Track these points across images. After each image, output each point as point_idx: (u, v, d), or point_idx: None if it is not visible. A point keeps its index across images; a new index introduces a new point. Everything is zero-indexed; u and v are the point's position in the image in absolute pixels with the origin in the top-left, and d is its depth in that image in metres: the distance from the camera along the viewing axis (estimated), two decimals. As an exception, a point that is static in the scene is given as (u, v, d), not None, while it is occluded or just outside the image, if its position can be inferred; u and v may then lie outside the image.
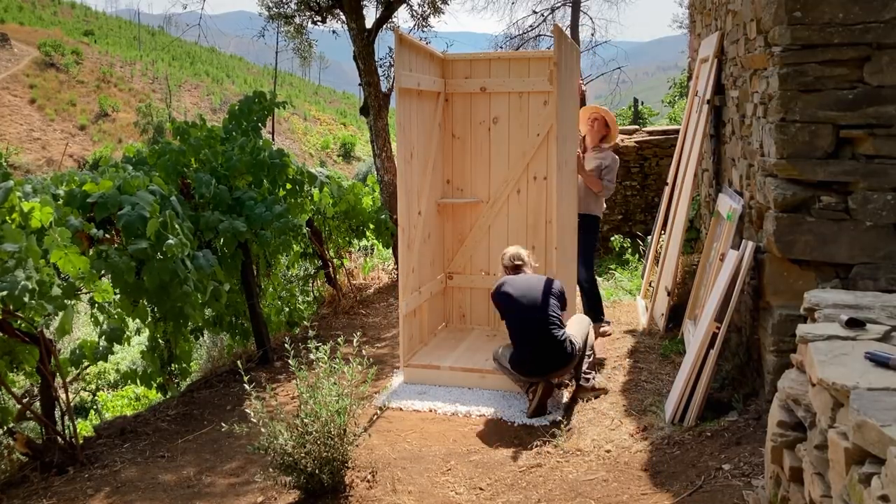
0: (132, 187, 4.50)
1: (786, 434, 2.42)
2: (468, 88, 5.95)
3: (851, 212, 3.38)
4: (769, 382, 3.51)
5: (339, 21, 9.33)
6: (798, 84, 3.39)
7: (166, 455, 4.21)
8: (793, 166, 3.42)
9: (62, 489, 3.78)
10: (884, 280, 3.35)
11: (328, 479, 3.38)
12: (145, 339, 5.18)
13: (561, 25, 5.33)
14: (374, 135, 8.70)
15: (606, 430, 4.01)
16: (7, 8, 60.43)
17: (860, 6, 3.30)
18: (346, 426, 3.42)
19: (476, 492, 3.52)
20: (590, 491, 3.32)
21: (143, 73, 57.29)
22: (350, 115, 64.97)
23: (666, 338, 5.29)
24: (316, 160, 47.47)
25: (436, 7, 9.85)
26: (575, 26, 20.05)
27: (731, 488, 2.97)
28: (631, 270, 7.68)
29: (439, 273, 6.10)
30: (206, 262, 4.73)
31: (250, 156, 5.68)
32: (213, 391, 5.34)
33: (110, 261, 4.15)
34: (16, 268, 3.49)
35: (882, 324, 2.43)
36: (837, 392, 1.98)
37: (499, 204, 6.02)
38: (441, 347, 5.68)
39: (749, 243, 3.74)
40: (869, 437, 1.75)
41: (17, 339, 3.93)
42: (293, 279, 7.24)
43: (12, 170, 31.98)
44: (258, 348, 5.85)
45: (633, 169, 8.90)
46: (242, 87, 59.91)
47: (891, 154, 3.32)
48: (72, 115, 47.52)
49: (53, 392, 4.14)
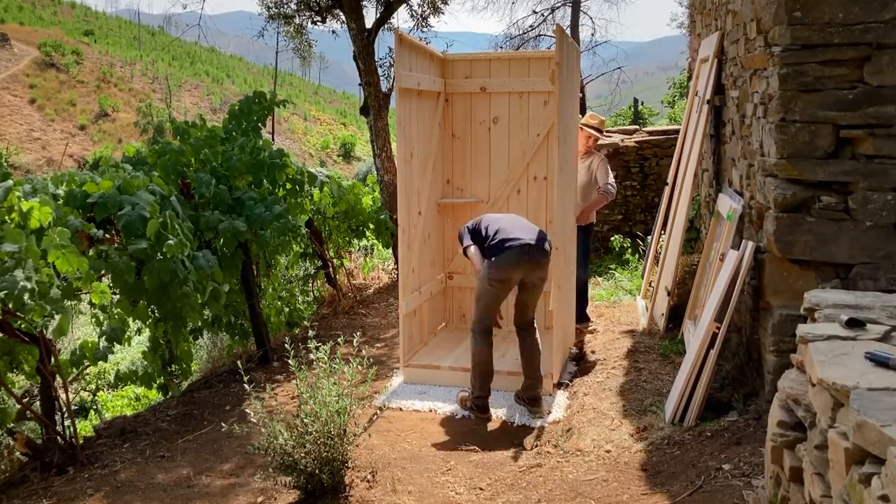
0: (132, 187, 4.50)
1: (786, 434, 2.42)
2: (468, 88, 5.95)
3: (851, 212, 3.38)
4: (769, 382, 3.51)
5: (338, 21, 9.34)
6: (798, 84, 3.39)
7: (166, 455, 4.21)
8: (793, 166, 3.42)
9: (62, 489, 3.78)
10: (884, 280, 3.35)
11: (328, 480, 3.38)
12: (146, 340, 5.18)
13: (561, 25, 5.31)
14: (374, 135, 8.70)
15: (606, 430, 4.01)
16: (7, 8, 60.44)
17: (860, 6, 3.30)
18: (345, 426, 3.42)
19: (476, 492, 3.51)
20: (590, 491, 3.32)
21: (143, 73, 57.29)
22: (350, 115, 64.98)
23: (666, 338, 5.28)
24: (316, 160, 47.47)
25: (435, 7, 9.85)
26: (575, 26, 20.05)
27: (731, 488, 2.97)
28: (631, 270, 7.67)
29: (439, 273, 6.10)
30: (205, 263, 4.73)
31: (250, 156, 5.68)
32: (213, 391, 5.34)
33: (110, 261, 4.15)
34: (15, 268, 3.49)
35: (882, 324, 2.43)
36: (837, 392, 1.98)
37: (499, 204, 6.01)
38: (441, 347, 5.68)
39: (749, 243, 3.74)
40: (869, 437, 1.75)
41: (17, 339, 3.93)
42: (293, 279, 7.24)
43: (12, 170, 31.95)
44: (258, 348, 5.84)
45: (633, 169, 8.90)
46: (242, 87, 59.92)
47: (891, 154, 3.32)
48: (72, 115, 47.52)
49: (53, 392, 4.14)
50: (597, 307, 6.65)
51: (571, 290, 5.52)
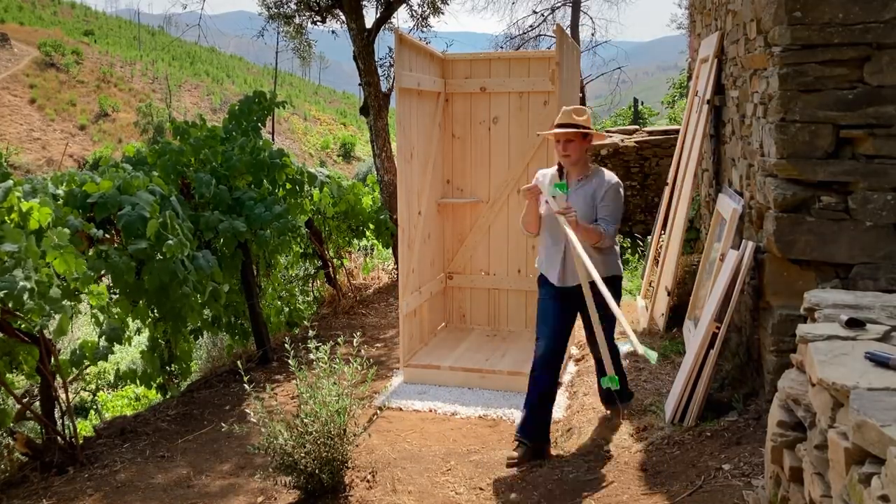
0: (132, 187, 4.50)
1: (786, 434, 2.42)
2: (468, 88, 5.95)
3: (851, 212, 3.38)
4: (769, 382, 3.51)
5: (338, 21, 9.34)
6: (798, 84, 3.39)
7: (166, 455, 4.21)
8: (793, 166, 3.42)
9: (62, 489, 3.78)
10: (884, 280, 3.35)
11: (328, 479, 3.38)
12: (145, 340, 5.18)
13: (561, 25, 5.31)
14: (374, 135, 8.70)
15: (606, 430, 4.01)
16: (7, 8, 60.43)
17: (860, 6, 3.30)
18: (345, 426, 3.42)
19: (476, 492, 3.51)
20: (590, 491, 3.32)
21: (143, 73, 57.28)
22: (350, 115, 64.96)
23: (666, 338, 5.28)
24: (316, 160, 47.46)
25: (435, 7, 9.86)
26: (575, 26, 20.07)
27: (731, 488, 2.97)
28: (631, 270, 7.67)
29: (439, 273, 6.10)
30: (205, 263, 4.73)
31: (250, 156, 5.68)
32: (212, 391, 5.34)
33: (110, 261, 4.15)
34: (14, 268, 3.49)
35: (882, 324, 2.42)
36: (837, 392, 1.97)
37: (499, 204, 6.01)
38: (441, 347, 5.68)
39: (749, 243, 3.74)
40: (869, 437, 1.75)
41: (17, 339, 3.93)
42: (293, 279, 7.24)
43: (12, 170, 31.95)
44: (258, 348, 5.84)
45: (633, 169, 8.90)
46: (242, 87, 59.90)
47: (891, 154, 3.31)
48: (72, 115, 47.52)
49: (53, 392, 4.13)
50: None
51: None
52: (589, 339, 4.22)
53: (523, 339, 5.73)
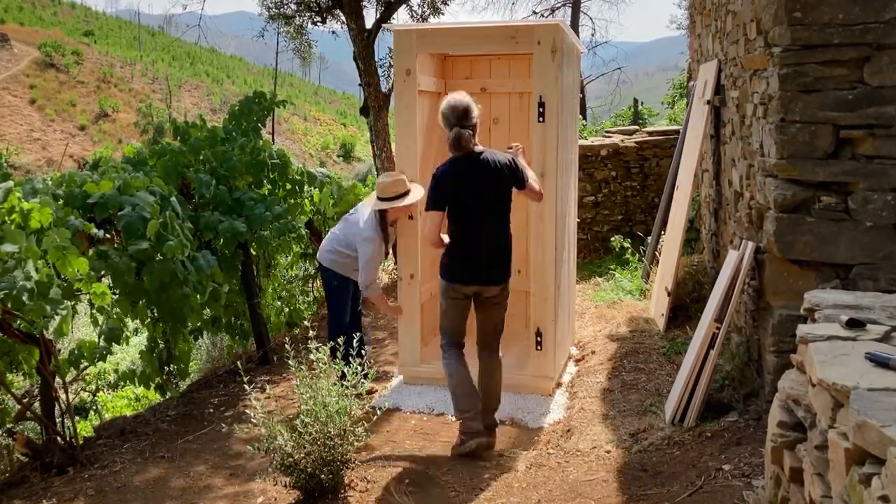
0: (132, 188, 4.50)
1: (786, 434, 2.42)
2: (468, 88, 5.91)
3: (851, 212, 3.38)
4: (769, 382, 3.51)
5: (338, 21, 9.36)
6: (798, 84, 3.39)
7: (166, 455, 4.21)
8: (793, 167, 3.42)
9: (62, 489, 3.77)
10: (884, 280, 3.35)
11: (328, 480, 3.38)
12: (144, 340, 5.18)
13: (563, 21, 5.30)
14: (374, 135, 8.71)
15: (607, 431, 4.01)
16: (7, 8, 60.46)
17: (860, 6, 3.30)
18: (345, 426, 3.42)
19: (476, 492, 3.51)
20: (590, 491, 3.32)
21: (143, 73, 57.31)
22: (350, 115, 64.99)
23: (666, 338, 5.28)
24: (316, 160, 47.48)
25: (435, 7, 9.87)
26: (575, 26, 20.08)
27: (731, 489, 2.97)
28: (631, 270, 7.67)
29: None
30: (205, 263, 4.73)
31: (250, 156, 5.68)
32: (212, 392, 5.34)
33: (110, 261, 4.15)
34: (15, 268, 3.49)
35: (882, 324, 2.43)
36: (837, 392, 1.97)
37: (499, 204, 6.00)
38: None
39: (749, 243, 3.74)
40: (869, 438, 1.75)
41: (17, 339, 3.93)
42: (293, 279, 7.24)
43: (12, 170, 31.99)
44: (258, 349, 5.84)
45: (633, 169, 8.90)
46: (242, 87, 59.93)
47: (891, 154, 3.32)
48: (72, 116, 47.54)
49: (53, 392, 4.14)
50: (598, 308, 6.65)
51: (572, 291, 5.51)
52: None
53: (522, 338, 5.72)
